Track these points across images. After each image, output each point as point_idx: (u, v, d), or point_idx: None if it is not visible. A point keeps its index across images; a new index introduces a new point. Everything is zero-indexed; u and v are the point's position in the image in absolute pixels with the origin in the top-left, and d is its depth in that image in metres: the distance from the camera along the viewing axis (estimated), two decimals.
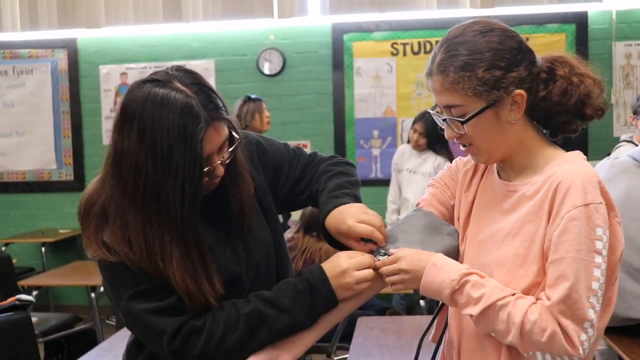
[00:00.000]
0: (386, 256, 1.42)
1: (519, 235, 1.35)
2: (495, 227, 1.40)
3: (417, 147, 4.71)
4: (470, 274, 1.33)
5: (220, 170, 1.40)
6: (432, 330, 1.59)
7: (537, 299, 1.30)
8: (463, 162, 1.56)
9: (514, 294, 1.30)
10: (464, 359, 1.46)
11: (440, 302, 1.53)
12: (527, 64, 1.34)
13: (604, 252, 1.27)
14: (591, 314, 1.24)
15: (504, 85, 1.31)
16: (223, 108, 1.39)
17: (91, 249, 1.37)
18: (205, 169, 1.35)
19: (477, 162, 1.47)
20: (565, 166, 1.33)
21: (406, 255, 1.39)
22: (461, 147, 1.42)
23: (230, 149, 1.41)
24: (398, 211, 4.86)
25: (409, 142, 4.84)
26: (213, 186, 1.44)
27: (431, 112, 1.44)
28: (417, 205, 1.56)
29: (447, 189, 1.56)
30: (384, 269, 1.41)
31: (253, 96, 4.70)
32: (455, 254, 1.46)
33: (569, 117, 1.38)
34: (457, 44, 1.33)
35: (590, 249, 1.25)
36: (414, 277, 1.38)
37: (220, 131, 1.37)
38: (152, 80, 1.34)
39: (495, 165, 1.47)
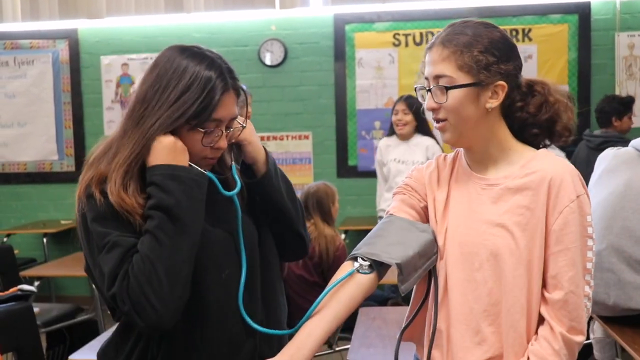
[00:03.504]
0: (368, 264, 1.45)
1: (511, 226, 1.43)
2: (479, 220, 1.48)
3: (403, 128, 4.62)
4: None
5: (224, 144, 1.44)
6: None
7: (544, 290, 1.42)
8: (424, 167, 1.63)
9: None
10: (454, 346, 1.48)
11: (422, 300, 1.59)
12: (516, 64, 1.47)
13: (593, 235, 1.45)
14: (587, 290, 1.43)
15: (492, 70, 1.42)
16: (242, 89, 1.48)
17: (79, 193, 1.45)
18: (210, 128, 1.40)
19: (446, 141, 1.53)
20: (548, 162, 1.45)
21: None
22: (435, 124, 1.49)
23: (236, 127, 1.47)
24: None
25: (389, 134, 4.80)
26: (211, 163, 1.48)
27: (418, 86, 1.51)
28: (387, 213, 1.60)
29: (415, 193, 1.60)
30: None
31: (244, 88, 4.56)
32: (432, 247, 1.52)
33: (539, 130, 1.51)
34: (464, 27, 1.46)
35: (584, 235, 1.42)
36: None
37: (235, 104, 1.45)
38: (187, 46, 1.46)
39: (464, 160, 1.56)
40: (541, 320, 1.43)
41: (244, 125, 1.49)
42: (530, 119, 1.50)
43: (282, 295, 1.64)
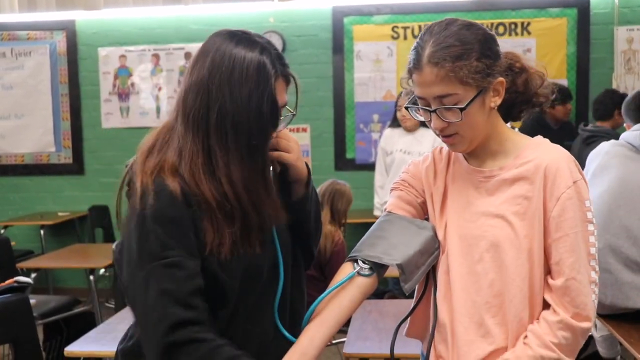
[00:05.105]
0: (368, 266, 1.46)
1: (510, 217, 1.43)
2: (477, 212, 1.48)
3: (407, 121, 4.63)
4: None
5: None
6: (407, 324, 1.64)
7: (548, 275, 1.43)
8: (420, 161, 1.63)
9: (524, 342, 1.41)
10: (459, 340, 1.47)
11: (420, 295, 1.60)
12: (501, 54, 1.45)
13: (594, 220, 1.44)
14: (593, 275, 1.43)
15: (492, 73, 1.40)
16: (292, 75, 1.46)
17: (142, 180, 1.32)
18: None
19: (456, 151, 1.53)
20: (542, 150, 1.45)
21: None
22: (441, 138, 1.46)
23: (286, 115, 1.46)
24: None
25: (393, 125, 4.81)
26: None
27: (410, 107, 1.48)
28: (385, 210, 1.61)
29: (412, 189, 1.60)
30: None
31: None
32: (433, 243, 1.53)
33: (527, 105, 1.52)
34: (446, 37, 1.39)
35: (584, 221, 1.41)
36: None
37: (285, 92, 1.44)
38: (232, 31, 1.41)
39: (460, 153, 1.54)
40: (546, 307, 1.43)
41: (295, 112, 1.48)
42: (520, 97, 1.50)
43: (305, 298, 1.62)
